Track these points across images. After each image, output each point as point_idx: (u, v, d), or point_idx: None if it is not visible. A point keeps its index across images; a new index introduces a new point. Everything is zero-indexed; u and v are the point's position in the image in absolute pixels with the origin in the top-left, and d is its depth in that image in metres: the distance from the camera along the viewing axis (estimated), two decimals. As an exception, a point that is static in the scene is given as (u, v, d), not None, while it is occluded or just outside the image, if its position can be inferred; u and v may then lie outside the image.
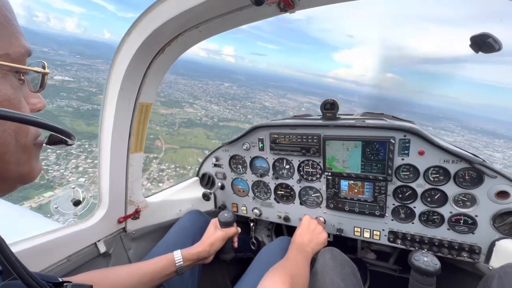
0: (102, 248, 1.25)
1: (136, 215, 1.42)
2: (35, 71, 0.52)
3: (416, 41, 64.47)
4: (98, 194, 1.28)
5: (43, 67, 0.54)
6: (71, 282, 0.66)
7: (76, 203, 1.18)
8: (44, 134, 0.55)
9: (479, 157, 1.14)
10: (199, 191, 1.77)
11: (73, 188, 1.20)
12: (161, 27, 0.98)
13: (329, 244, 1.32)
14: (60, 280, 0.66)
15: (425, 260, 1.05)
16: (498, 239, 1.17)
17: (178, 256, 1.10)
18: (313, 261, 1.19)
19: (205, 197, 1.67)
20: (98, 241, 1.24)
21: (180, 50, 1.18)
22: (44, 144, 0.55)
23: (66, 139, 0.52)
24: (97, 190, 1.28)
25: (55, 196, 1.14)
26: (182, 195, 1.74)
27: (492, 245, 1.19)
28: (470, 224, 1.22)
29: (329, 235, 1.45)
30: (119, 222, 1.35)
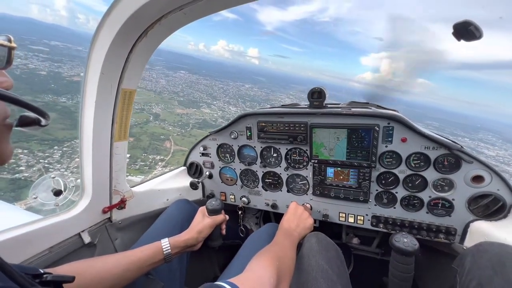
0: (87, 239, 1.22)
1: (121, 204, 1.39)
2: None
3: (453, 44, 62.87)
4: (81, 184, 1.24)
5: (9, 41, 0.49)
6: (51, 273, 0.64)
7: (57, 193, 1.14)
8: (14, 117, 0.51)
9: (457, 144, 1.19)
10: (187, 180, 1.76)
11: (53, 177, 1.15)
12: (143, 8, 0.93)
13: (315, 229, 1.36)
14: (41, 271, 0.64)
15: (405, 241, 1.10)
16: (472, 221, 1.25)
17: (165, 244, 1.09)
18: (299, 246, 1.22)
19: (193, 186, 1.66)
20: (82, 231, 1.21)
21: (164, 33, 1.13)
22: (14, 127, 0.52)
23: (40, 118, 0.48)
24: (80, 180, 1.23)
25: (33, 185, 1.09)
26: (169, 184, 1.72)
27: (466, 227, 1.26)
28: (447, 208, 1.29)
29: (315, 221, 1.49)
30: (104, 212, 1.31)
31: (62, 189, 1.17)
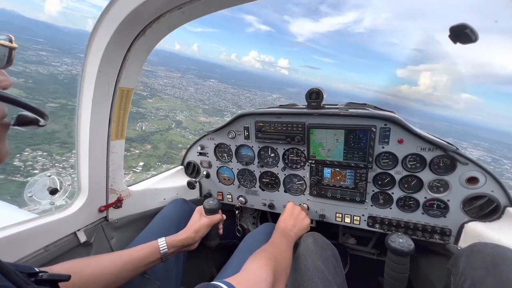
0: (83, 238, 1.21)
1: (118, 204, 1.38)
2: (0, 44, 0.48)
3: (504, 57, 58.51)
4: (77, 183, 1.23)
5: (10, 41, 0.49)
6: (47, 272, 0.64)
7: (53, 191, 1.13)
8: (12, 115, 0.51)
9: (452, 145, 1.21)
10: (184, 179, 1.75)
11: (49, 176, 1.15)
12: (141, 7, 0.93)
13: (312, 229, 1.36)
14: (36, 270, 0.64)
15: (400, 241, 1.11)
16: (466, 222, 1.26)
17: (162, 243, 1.09)
18: (296, 246, 1.23)
19: (190, 185, 1.66)
20: (78, 230, 1.20)
21: (162, 32, 1.13)
22: (11, 126, 0.51)
23: (38, 118, 0.48)
24: (76, 179, 1.23)
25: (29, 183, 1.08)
26: (167, 183, 1.71)
27: (461, 228, 1.27)
28: (443, 209, 1.30)
29: (312, 221, 1.50)
30: (100, 211, 1.31)
31: (58, 188, 1.16)
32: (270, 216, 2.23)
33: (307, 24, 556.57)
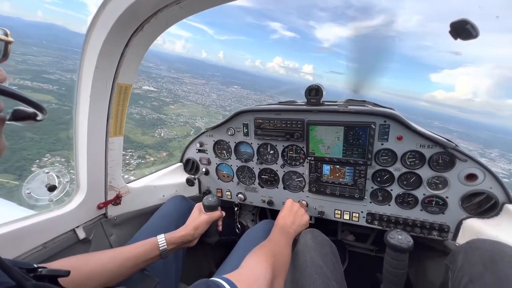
0: (82, 234, 1.21)
1: (117, 200, 1.38)
2: None
3: None
4: (75, 179, 1.23)
5: (6, 35, 0.48)
6: (46, 267, 0.64)
7: (51, 188, 1.13)
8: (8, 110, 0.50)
9: (452, 142, 1.21)
10: (183, 176, 1.75)
11: (47, 173, 1.14)
12: (138, 2, 0.92)
13: (311, 226, 1.37)
14: (35, 266, 0.64)
15: (399, 238, 1.11)
16: (465, 218, 1.27)
17: (161, 240, 1.09)
18: (295, 242, 1.23)
19: (189, 182, 1.66)
20: (77, 227, 1.20)
21: (160, 28, 1.12)
22: (7, 121, 0.50)
23: (37, 112, 0.47)
24: (74, 176, 1.22)
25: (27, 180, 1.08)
26: (166, 180, 1.71)
27: (459, 224, 1.28)
28: (441, 205, 1.31)
29: (311, 217, 1.50)
30: (99, 208, 1.31)
31: (56, 185, 1.15)
32: (269, 213, 2.23)
33: (333, 29, 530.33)
